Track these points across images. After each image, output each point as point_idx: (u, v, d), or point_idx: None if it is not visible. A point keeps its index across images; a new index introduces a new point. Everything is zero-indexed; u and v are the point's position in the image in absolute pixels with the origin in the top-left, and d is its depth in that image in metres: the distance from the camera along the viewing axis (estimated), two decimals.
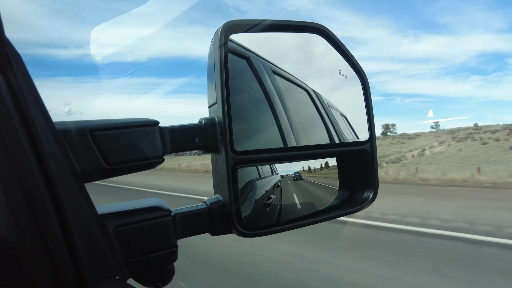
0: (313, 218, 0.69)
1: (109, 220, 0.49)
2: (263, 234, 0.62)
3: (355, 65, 0.72)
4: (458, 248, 4.55)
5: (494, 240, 4.75)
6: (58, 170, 0.41)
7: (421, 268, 3.92)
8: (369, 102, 0.74)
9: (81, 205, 0.43)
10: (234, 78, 0.60)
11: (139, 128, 0.52)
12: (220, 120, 0.58)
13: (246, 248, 4.71)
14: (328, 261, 4.25)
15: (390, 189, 10.26)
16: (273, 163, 0.67)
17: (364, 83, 0.74)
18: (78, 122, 0.48)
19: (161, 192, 11.47)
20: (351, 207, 0.73)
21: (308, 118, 0.76)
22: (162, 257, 0.53)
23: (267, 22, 0.64)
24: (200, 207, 0.59)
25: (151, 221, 0.52)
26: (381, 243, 4.94)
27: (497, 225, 5.41)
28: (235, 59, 0.62)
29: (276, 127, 0.68)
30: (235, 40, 0.62)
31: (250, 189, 0.63)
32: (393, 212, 6.58)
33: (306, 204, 0.72)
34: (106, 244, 0.46)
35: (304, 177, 0.71)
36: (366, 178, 0.75)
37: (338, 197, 0.77)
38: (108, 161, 0.48)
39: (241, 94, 0.64)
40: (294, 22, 0.67)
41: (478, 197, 8.33)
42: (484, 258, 4.18)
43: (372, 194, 0.73)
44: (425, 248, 4.66)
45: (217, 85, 0.58)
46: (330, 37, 0.69)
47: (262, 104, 0.68)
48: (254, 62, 0.67)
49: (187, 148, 0.58)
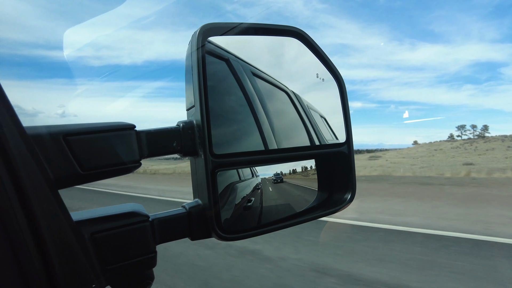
0: (293, 219, 0.69)
1: (84, 227, 0.48)
2: (244, 237, 0.62)
3: (332, 68, 0.73)
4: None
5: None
6: (29, 176, 0.39)
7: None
8: (346, 105, 0.76)
9: (54, 212, 0.42)
10: (213, 80, 0.60)
11: (115, 132, 0.51)
12: (198, 123, 0.58)
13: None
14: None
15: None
16: (253, 166, 0.67)
17: (341, 86, 0.75)
18: (51, 127, 0.47)
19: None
20: (330, 208, 0.74)
21: (288, 120, 0.77)
22: (140, 263, 0.52)
23: (245, 25, 0.64)
24: (179, 211, 0.58)
25: (129, 227, 0.51)
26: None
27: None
28: (214, 61, 0.62)
29: (257, 129, 0.68)
30: (214, 42, 0.62)
31: (231, 192, 0.63)
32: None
33: (286, 206, 0.72)
34: (81, 252, 0.45)
35: (285, 180, 0.71)
36: (344, 179, 0.76)
37: (318, 198, 0.78)
38: (83, 167, 0.47)
39: (220, 96, 0.63)
40: (272, 25, 0.68)
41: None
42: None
43: (350, 195, 0.75)
44: None
45: (195, 87, 0.58)
46: (308, 41, 0.70)
47: (242, 106, 0.68)
48: (234, 64, 0.67)
49: (165, 152, 0.57)
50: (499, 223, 6.16)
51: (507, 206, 7.73)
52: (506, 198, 8.98)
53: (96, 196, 11.99)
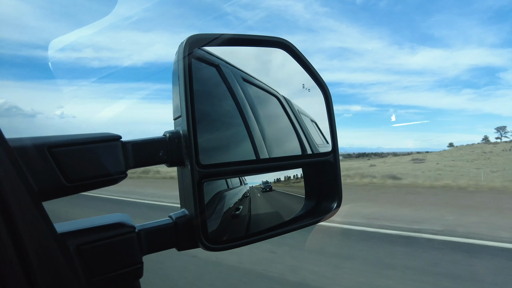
0: (281, 228, 0.70)
1: (70, 238, 0.47)
2: (231, 248, 0.62)
3: (318, 79, 0.74)
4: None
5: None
6: (12, 189, 0.39)
7: None
8: (332, 115, 0.77)
9: (37, 225, 0.42)
10: (203, 86, 0.60)
11: (100, 143, 0.51)
12: (185, 133, 0.58)
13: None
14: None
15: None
16: (240, 176, 0.67)
17: (326, 96, 0.76)
18: (35, 139, 0.47)
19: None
20: (317, 216, 0.75)
21: (279, 127, 0.77)
22: (126, 274, 0.52)
23: (232, 36, 0.65)
24: (165, 222, 0.58)
25: (115, 238, 0.51)
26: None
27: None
28: (204, 67, 0.62)
29: (247, 137, 0.68)
30: (204, 48, 0.62)
31: (219, 200, 0.63)
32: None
33: (274, 215, 0.73)
34: (66, 264, 0.45)
35: (274, 188, 0.72)
36: (331, 187, 0.77)
37: (305, 206, 0.78)
38: (69, 178, 0.47)
39: (211, 103, 0.63)
40: (259, 36, 0.68)
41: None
42: None
43: (336, 203, 0.76)
44: None
45: (181, 97, 0.58)
46: (294, 52, 0.71)
47: (233, 113, 0.67)
48: (224, 70, 0.67)
49: (151, 162, 0.57)
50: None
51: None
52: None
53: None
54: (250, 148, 0.68)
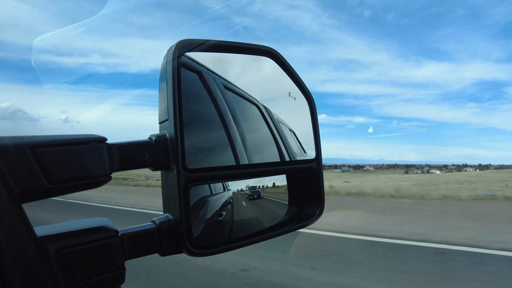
0: (264, 234, 0.70)
1: (50, 242, 0.46)
2: (214, 253, 0.61)
3: (304, 88, 0.77)
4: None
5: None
6: None
7: None
8: (316, 123, 0.79)
9: (16, 227, 0.40)
10: (185, 93, 0.60)
11: (85, 145, 0.50)
12: (172, 137, 0.58)
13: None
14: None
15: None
16: (226, 181, 0.67)
17: (311, 106, 0.79)
18: (17, 138, 0.45)
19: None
20: (299, 222, 0.76)
21: (259, 135, 0.78)
22: (108, 280, 0.50)
23: (220, 43, 0.66)
24: (149, 226, 0.57)
25: (97, 242, 0.49)
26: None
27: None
28: (186, 73, 0.62)
29: (228, 144, 0.68)
30: (187, 55, 0.62)
31: (202, 206, 0.63)
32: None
33: (257, 221, 0.73)
34: (45, 269, 0.43)
35: (263, 195, 0.71)
36: (314, 194, 0.79)
37: (288, 212, 0.79)
38: (51, 180, 0.46)
39: (193, 110, 0.63)
40: (247, 44, 0.70)
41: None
42: None
43: (319, 210, 0.77)
44: None
45: (169, 101, 0.58)
46: (280, 60, 0.72)
47: (214, 119, 0.68)
48: (206, 77, 0.68)
49: (136, 166, 0.56)
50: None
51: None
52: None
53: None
54: (231, 154, 0.68)
